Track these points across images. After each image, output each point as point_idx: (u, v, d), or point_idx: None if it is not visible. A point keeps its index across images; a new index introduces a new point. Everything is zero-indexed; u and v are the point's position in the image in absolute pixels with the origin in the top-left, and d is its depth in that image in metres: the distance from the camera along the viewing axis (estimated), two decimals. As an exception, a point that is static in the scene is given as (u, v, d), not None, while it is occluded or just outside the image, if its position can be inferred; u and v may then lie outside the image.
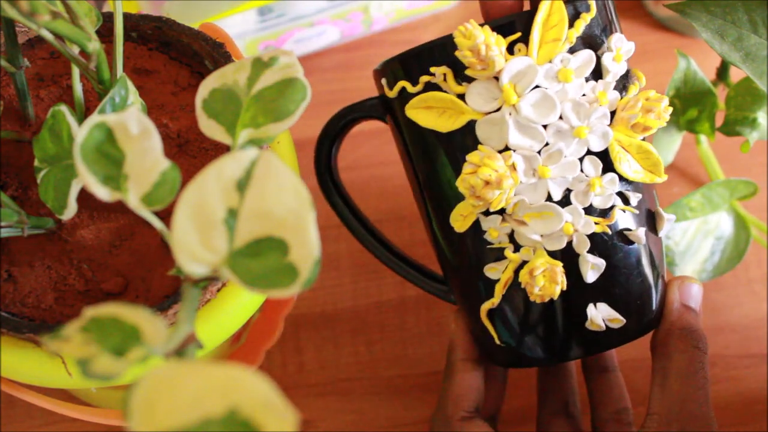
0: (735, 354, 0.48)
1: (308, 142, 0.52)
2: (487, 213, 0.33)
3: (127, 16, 0.34)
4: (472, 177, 0.32)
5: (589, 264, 0.33)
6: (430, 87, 0.33)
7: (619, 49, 0.32)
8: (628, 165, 0.33)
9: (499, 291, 0.34)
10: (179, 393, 0.16)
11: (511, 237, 0.33)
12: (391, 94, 0.34)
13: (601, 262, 0.33)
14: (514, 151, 0.32)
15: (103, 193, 0.22)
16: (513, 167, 0.32)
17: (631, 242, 0.34)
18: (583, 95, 0.32)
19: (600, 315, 0.33)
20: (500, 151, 0.32)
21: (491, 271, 0.34)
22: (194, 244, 0.20)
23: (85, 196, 0.29)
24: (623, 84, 0.33)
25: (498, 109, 0.31)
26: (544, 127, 0.31)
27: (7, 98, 0.33)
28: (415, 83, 0.33)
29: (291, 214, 0.20)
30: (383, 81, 0.35)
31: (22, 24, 0.29)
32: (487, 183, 0.31)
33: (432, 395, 0.46)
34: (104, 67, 0.29)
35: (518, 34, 0.31)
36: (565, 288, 0.33)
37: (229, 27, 0.50)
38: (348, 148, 0.52)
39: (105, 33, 0.34)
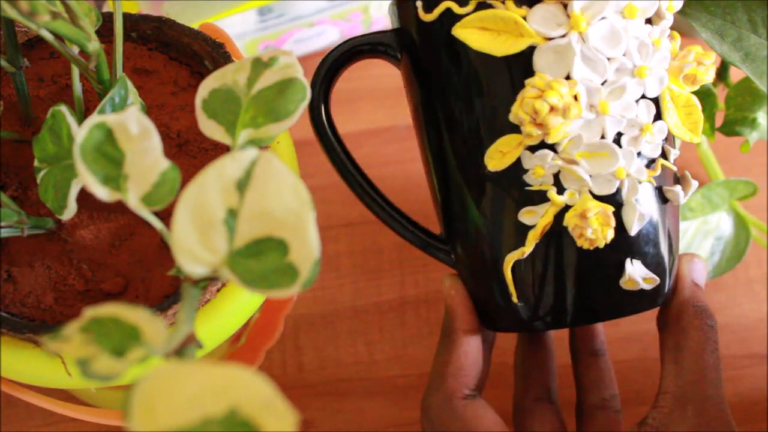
0: (735, 354, 0.48)
1: (308, 142, 0.52)
2: (534, 149, 0.31)
3: (126, 16, 0.34)
4: (537, 101, 0.29)
5: (637, 213, 0.31)
6: (483, 7, 0.31)
7: (671, 0, 0.31)
8: (672, 118, 0.32)
9: (533, 238, 0.32)
10: (179, 393, 0.16)
11: (556, 179, 0.31)
12: (429, 17, 0.32)
13: (649, 213, 0.32)
14: (578, 81, 0.30)
15: (102, 193, 0.22)
16: (575, 98, 0.30)
17: (666, 200, 0.32)
18: (640, 37, 0.31)
19: (638, 272, 0.32)
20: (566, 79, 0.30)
21: (528, 215, 0.32)
22: (194, 244, 0.20)
23: (85, 196, 0.29)
24: (669, 35, 0.32)
25: (563, 36, 0.30)
26: (608, 60, 0.30)
27: (7, 98, 0.33)
28: (463, 3, 0.31)
29: (291, 214, 0.20)
30: (418, 3, 0.32)
31: (22, 24, 0.29)
32: (552, 109, 0.29)
33: (432, 395, 0.46)
34: (104, 67, 0.29)
35: None
36: (614, 235, 0.31)
37: (229, 27, 0.50)
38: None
39: (105, 33, 0.34)
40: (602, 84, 0.30)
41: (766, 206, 0.50)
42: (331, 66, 0.35)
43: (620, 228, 0.31)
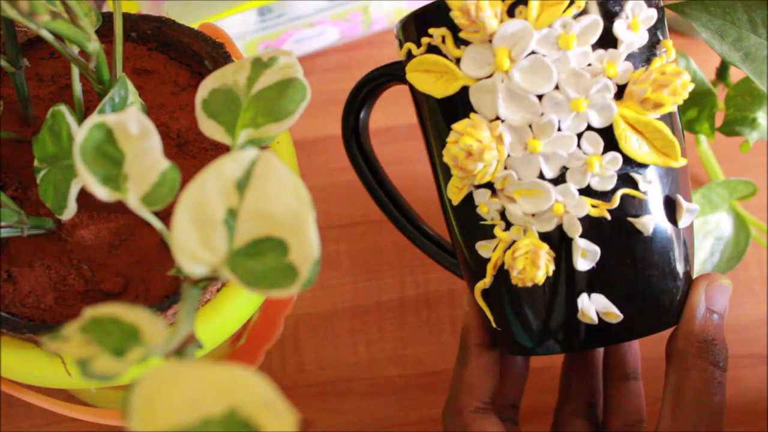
0: (735, 354, 0.48)
1: (308, 142, 0.52)
2: (478, 186, 0.31)
3: (126, 16, 0.34)
4: (454, 146, 0.30)
5: (580, 250, 0.30)
6: (431, 49, 0.31)
7: (636, 16, 0.30)
8: (636, 145, 0.30)
9: (490, 271, 0.32)
10: (179, 393, 0.16)
11: (503, 214, 0.31)
12: (401, 55, 0.33)
13: (595, 249, 0.30)
14: (503, 121, 0.30)
15: (102, 193, 0.22)
16: (500, 139, 0.29)
17: (637, 231, 0.31)
18: (589, 65, 0.29)
19: (593, 307, 0.31)
20: (492, 121, 0.30)
21: (483, 249, 0.32)
22: (194, 244, 0.20)
23: (85, 196, 0.29)
24: (646, 55, 0.30)
25: (490, 76, 0.29)
26: (540, 97, 0.29)
27: (7, 98, 0.33)
28: (418, 45, 0.31)
29: (291, 214, 0.20)
30: (397, 42, 0.34)
31: (22, 24, 0.29)
32: (469, 154, 0.29)
33: (432, 395, 0.46)
34: (104, 67, 0.29)
35: None
36: (550, 274, 0.30)
37: (229, 27, 0.50)
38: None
39: (105, 33, 0.34)
40: (533, 122, 0.29)
41: (766, 206, 0.50)
42: (361, 93, 0.37)
43: (571, 264, 0.31)
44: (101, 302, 0.30)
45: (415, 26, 0.32)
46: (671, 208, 0.32)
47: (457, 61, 0.30)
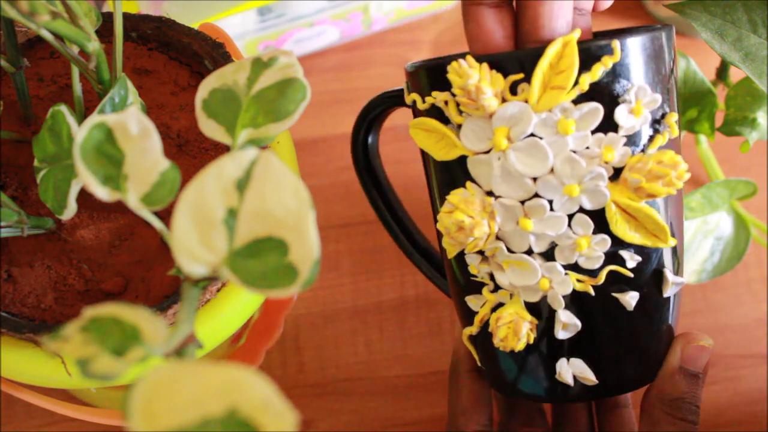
0: (735, 354, 0.48)
1: (308, 142, 0.52)
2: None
3: (126, 16, 0.34)
4: (447, 217, 0.30)
5: (561, 323, 0.31)
6: (435, 109, 0.31)
7: (640, 101, 0.29)
8: (626, 227, 0.30)
9: (477, 322, 0.33)
10: (179, 393, 0.16)
11: (492, 276, 0.32)
12: (408, 101, 0.33)
13: (576, 323, 0.31)
14: (496, 198, 0.30)
15: (102, 193, 0.22)
16: (492, 215, 0.30)
17: (620, 305, 0.31)
18: (587, 147, 0.29)
19: (570, 371, 0.32)
20: (487, 194, 0.30)
21: (471, 302, 0.33)
22: (194, 244, 0.20)
23: (85, 196, 0.29)
24: (649, 134, 0.30)
25: (488, 151, 0.29)
26: (535, 179, 0.29)
27: (7, 98, 0.33)
28: (423, 100, 0.31)
29: (291, 214, 0.20)
30: (405, 83, 0.34)
31: (22, 24, 0.29)
32: (460, 228, 0.30)
33: (432, 395, 0.46)
34: (104, 67, 0.29)
35: (520, 75, 0.28)
36: (531, 342, 0.31)
37: (229, 27, 0.50)
38: (348, 148, 0.52)
39: (105, 33, 0.34)
40: (526, 201, 0.29)
41: (766, 206, 0.50)
42: (371, 114, 0.38)
43: (551, 332, 0.31)
44: (101, 302, 0.30)
45: (422, 78, 0.31)
46: (659, 279, 0.32)
47: (458, 127, 0.30)
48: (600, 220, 0.29)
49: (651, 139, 0.30)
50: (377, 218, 0.41)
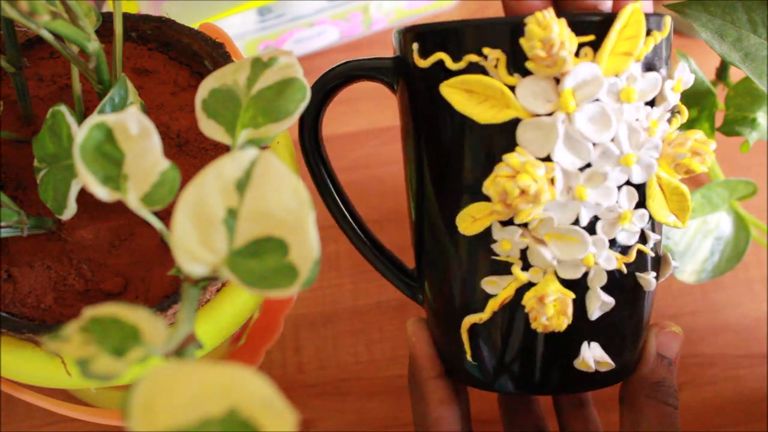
0: (735, 354, 0.48)
1: (308, 142, 0.52)
2: (505, 223, 0.30)
3: (126, 16, 0.34)
4: (509, 182, 0.28)
5: (600, 301, 0.30)
6: (474, 68, 0.29)
7: (680, 80, 0.30)
8: (659, 204, 0.30)
9: (492, 307, 0.31)
10: (179, 393, 0.16)
11: (523, 254, 0.30)
12: (423, 63, 0.30)
13: (611, 301, 0.30)
14: (557, 163, 0.28)
15: (102, 193, 0.22)
16: (552, 181, 0.28)
17: (639, 285, 0.31)
18: (637, 120, 0.29)
19: (592, 355, 0.31)
20: (544, 161, 0.28)
21: (490, 284, 0.31)
22: (194, 244, 0.20)
23: (85, 196, 0.29)
24: (669, 116, 0.30)
25: (550, 114, 0.28)
26: (593, 145, 0.28)
27: (7, 98, 0.33)
28: (456, 59, 0.29)
29: (290, 214, 0.20)
30: (414, 45, 0.31)
31: (22, 24, 0.29)
32: (522, 192, 0.28)
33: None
34: (104, 67, 0.29)
35: (592, 37, 0.28)
36: (570, 321, 0.30)
37: (229, 27, 0.50)
38: (347, 148, 0.52)
39: (105, 33, 0.34)
40: (583, 168, 0.28)
41: (766, 206, 0.50)
42: (328, 86, 0.34)
43: (581, 312, 0.30)
44: (101, 302, 0.30)
45: (458, 38, 0.29)
46: (663, 263, 0.33)
47: (510, 89, 0.28)
48: (642, 195, 0.30)
49: (669, 121, 0.30)
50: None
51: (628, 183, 0.29)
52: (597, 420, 0.38)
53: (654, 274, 0.31)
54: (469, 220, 0.30)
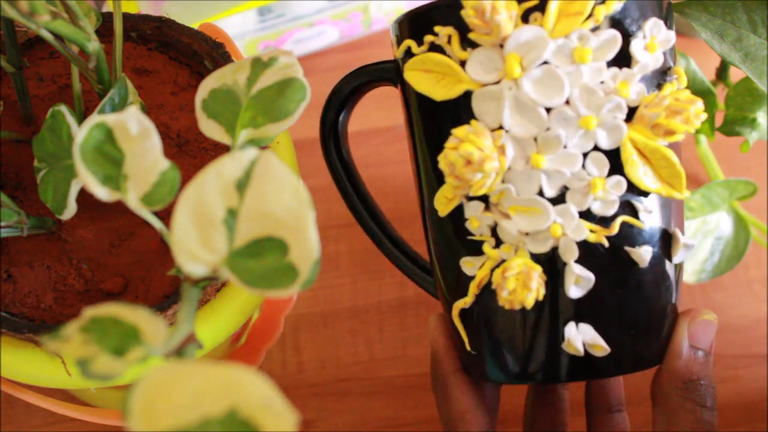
0: (735, 354, 0.48)
1: (308, 142, 0.52)
2: (471, 198, 0.29)
3: (126, 17, 0.34)
4: (452, 153, 0.28)
5: (574, 276, 0.28)
6: (434, 49, 0.29)
7: (654, 37, 0.28)
8: (641, 171, 0.28)
9: (473, 290, 0.30)
10: (179, 393, 0.16)
11: (494, 230, 0.29)
12: (398, 53, 0.31)
13: (589, 276, 0.28)
14: (506, 131, 0.28)
15: (102, 193, 0.22)
16: (502, 150, 0.28)
17: (633, 262, 0.29)
18: (602, 82, 0.27)
19: (580, 337, 0.29)
20: (494, 130, 0.28)
21: (467, 265, 0.30)
22: (194, 244, 0.20)
23: (85, 196, 0.29)
24: (658, 80, 0.29)
25: (498, 82, 0.28)
26: (548, 111, 0.27)
27: (7, 98, 0.33)
28: (420, 43, 0.30)
29: (290, 214, 0.20)
30: (392, 38, 0.32)
31: (22, 24, 0.29)
32: (468, 162, 0.27)
33: (432, 395, 0.46)
34: (104, 67, 0.29)
35: (535, 2, 0.27)
36: (541, 298, 0.29)
37: (229, 27, 0.50)
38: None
39: (105, 33, 0.34)
40: (540, 135, 0.28)
41: (766, 206, 0.50)
42: (339, 99, 0.36)
43: (562, 291, 0.29)
44: (101, 302, 0.30)
45: (418, 23, 0.30)
46: (667, 241, 0.30)
47: (462, 63, 0.29)
48: (615, 162, 0.28)
49: (660, 86, 0.29)
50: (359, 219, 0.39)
51: (596, 149, 0.28)
52: (627, 427, 0.36)
53: (649, 249, 0.29)
54: (444, 201, 0.30)
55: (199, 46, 0.34)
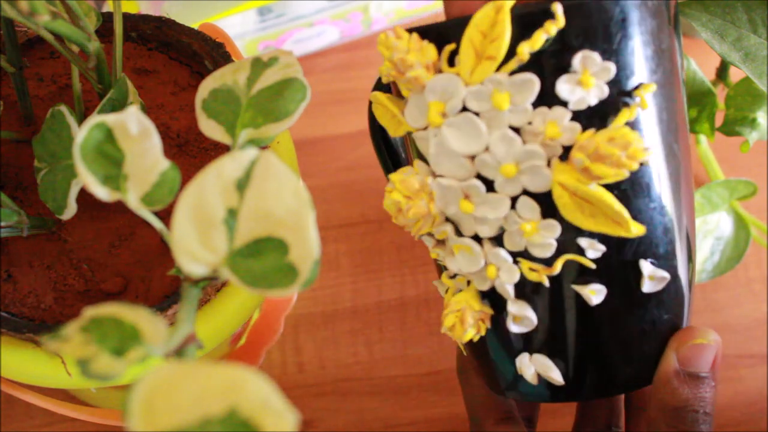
0: (735, 354, 0.48)
1: (308, 142, 0.52)
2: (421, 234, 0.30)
3: (126, 16, 0.34)
4: (387, 197, 0.28)
5: (512, 315, 0.28)
6: (392, 83, 0.29)
7: (587, 71, 0.25)
8: (579, 213, 0.26)
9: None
10: (179, 393, 0.16)
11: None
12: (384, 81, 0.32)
13: (529, 315, 0.28)
14: (434, 178, 0.28)
15: (102, 193, 0.22)
16: (432, 195, 0.28)
17: (580, 298, 0.28)
18: (530, 123, 0.26)
19: (532, 367, 0.29)
20: (428, 176, 0.29)
21: (439, 286, 0.31)
22: (194, 244, 0.20)
23: (85, 196, 0.29)
24: (612, 108, 0.26)
25: (425, 128, 0.27)
26: (473, 158, 0.27)
27: (7, 98, 0.33)
28: (386, 76, 0.29)
29: (291, 214, 0.20)
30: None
31: (22, 24, 0.29)
32: (399, 209, 0.28)
33: (432, 395, 0.46)
34: (104, 67, 0.29)
35: (452, 46, 0.26)
36: (483, 333, 0.29)
37: (229, 27, 0.50)
38: (347, 148, 0.52)
39: (105, 33, 0.34)
40: (465, 181, 0.27)
41: (766, 206, 0.50)
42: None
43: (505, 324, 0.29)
44: (101, 302, 0.30)
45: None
46: (634, 272, 0.28)
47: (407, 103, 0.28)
48: (549, 205, 0.26)
49: (617, 111, 0.26)
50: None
51: (526, 193, 0.27)
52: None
53: (598, 287, 0.28)
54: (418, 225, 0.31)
55: (199, 46, 0.34)
